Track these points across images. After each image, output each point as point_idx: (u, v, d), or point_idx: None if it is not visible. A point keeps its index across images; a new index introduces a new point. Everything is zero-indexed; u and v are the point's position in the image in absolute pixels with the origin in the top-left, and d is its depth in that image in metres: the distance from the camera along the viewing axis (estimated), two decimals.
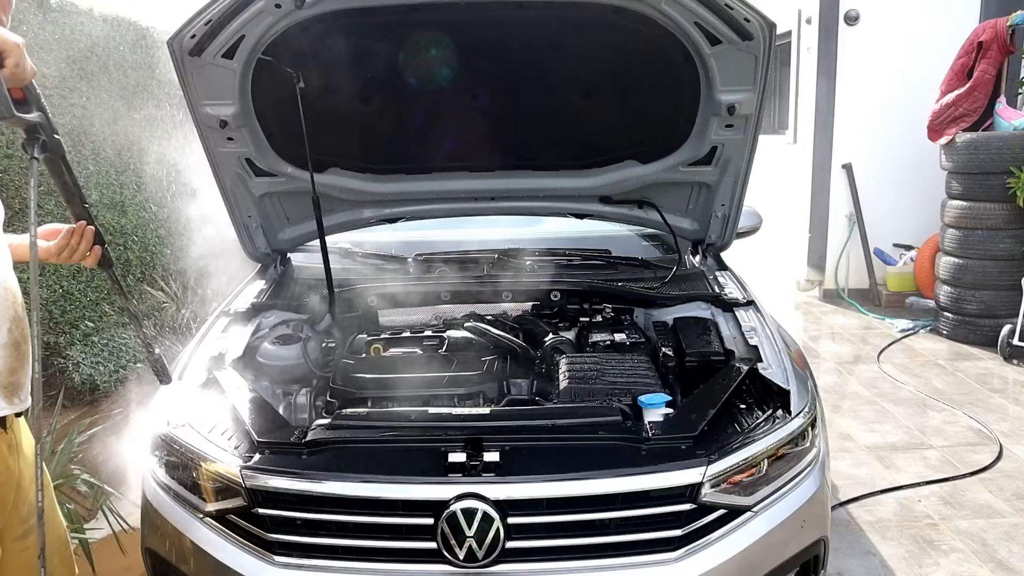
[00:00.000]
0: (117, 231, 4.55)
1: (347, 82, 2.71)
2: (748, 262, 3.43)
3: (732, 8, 2.33)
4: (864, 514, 3.48)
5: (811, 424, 2.11)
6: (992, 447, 4.11)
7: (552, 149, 2.97)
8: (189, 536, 1.95)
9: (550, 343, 2.62)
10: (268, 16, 2.35)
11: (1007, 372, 5.29)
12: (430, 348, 2.59)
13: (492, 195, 3.07)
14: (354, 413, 2.16)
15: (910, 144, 6.67)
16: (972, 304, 5.82)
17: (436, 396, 2.36)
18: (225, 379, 2.25)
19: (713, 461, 1.87)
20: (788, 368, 2.25)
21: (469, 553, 1.79)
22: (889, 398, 4.87)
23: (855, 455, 4.06)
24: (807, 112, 7.26)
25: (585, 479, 1.85)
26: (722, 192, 2.95)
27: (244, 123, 2.67)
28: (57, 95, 4.00)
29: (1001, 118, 5.75)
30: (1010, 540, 3.26)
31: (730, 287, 2.85)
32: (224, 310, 2.74)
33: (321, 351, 2.65)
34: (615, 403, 2.16)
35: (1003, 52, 5.73)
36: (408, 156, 2.98)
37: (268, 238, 3.08)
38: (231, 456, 1.95)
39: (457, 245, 3.26)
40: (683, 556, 1.84)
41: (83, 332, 4.12)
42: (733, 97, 2.61)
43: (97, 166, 4.35)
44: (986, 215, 5.66)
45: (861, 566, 3.10)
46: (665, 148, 2.89)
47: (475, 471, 1.85)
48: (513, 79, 2.72)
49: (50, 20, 3.93)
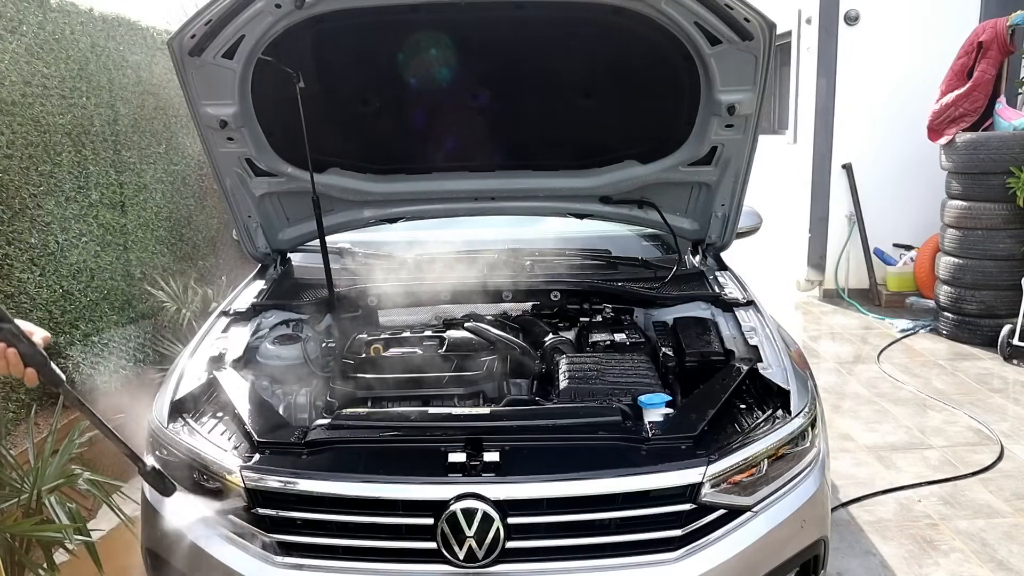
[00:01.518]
0: (117, 231, 4.55)
1: (347, 82, 2.72)
2: (748, 262, 3.43)
3: (732, 8, 2.33)
4: (864, 514, 3.48)
5: (811, 424, 2.11)
6: (992, 447, 4.11)
7: (552, 149, 2.97)
8: (189, 536, 1.95)
9: (550, 343, 2.62)
10: (268, 16, 2.35)
11: (1007, 372, 5.29)
12: (430, 348, 2.59)
13: (492, 195, 3.07)
14: (354, 413, 2.16)
15: (910, 144, 6.68)
16: (972, 304, 5.82)
17: (436, 396, 2.36)
18: (225, 379, 2.25)
19: (713, 461, 1.87)
20: (788, 368, 2.25)
21: (469, 553, 1.79)
22: (889, 398, 4.87)
23: (855, 455, 4.06)
24: (807, 112, 7.26)
25: (585, 479, 1.85)
26: (722, 192, 2.95)
27: (244, 123, 2.67)
28: (57, 95, 4.01)
29: (1001, 118, 5.75)
30: (1010, 540, 3.26)
31: (730, 287, 2.85)
32: (224, 310, 2.74)
33: (321, 351, 2.65)
34: (615, 403, 2.16)
35: (1003, 52, 5.73)
36: (408, 156, 2.99)
37: (268, 238, 3.08)
38: (231, 456, 1.95)
39: (457, 245, 3.26)
40: (683, 556, 1.84)
41: (83, 332, 4.13)
42: (733, 97, 2.61)
43: (97, 166, 4.35)
44: (986, 215, 5.66)
45: (861, 566, 3.10)
46: (665, 148, 2.90)
47: (475, 471, 1.85)
48: (513, 79, 2.72)
49: (50, 20, 3.93)
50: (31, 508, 2.69)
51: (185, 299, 4.77)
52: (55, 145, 3.97)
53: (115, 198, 4.54)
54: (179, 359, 2.47)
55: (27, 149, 3.75)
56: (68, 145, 4.09)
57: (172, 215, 5.26)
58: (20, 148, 3.69)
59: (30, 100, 3.78)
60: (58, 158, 3.99)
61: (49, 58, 3.94)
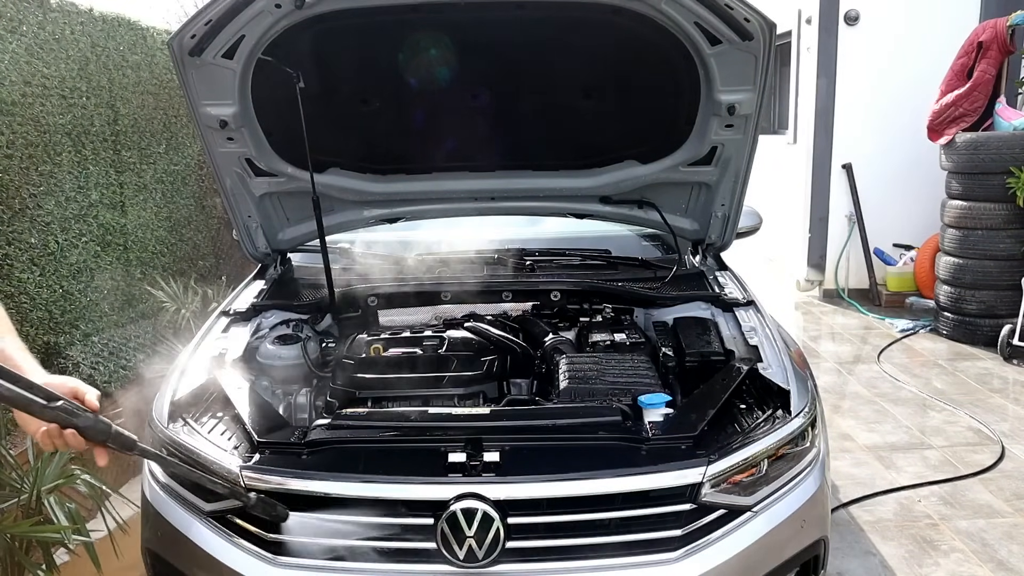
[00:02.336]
0: (117, 231, 4.55)
1: (347, 82, 2.72)
2: (748, 262, 3.43)
3: (732, 8, 2.33)
4: (864, 514, 3.48)
5: (811, 424, 2.11)
6: (991, 447, 4.11)
7: (552, 149, 2.97)
8: (189, 536, 1.95)
9: (550, 343, 2.62)
10: (268, 16, 2.35)
11: (1007, 372, 5.29)
12: (430, 348, 2.59)
13: (492, 195, 3.07)
14: (354, 413, 2.16)
15: (910, 144, 6.67)
16: (972, 304, 5.82)
17: (436, 396, 2.36)
18: (225, 379, 2.25)
19: (713, 461, 1.87)
20: (788, 368, 2.25)
21: (469, 553, 1.79)
22: (889, 398, 4.87)
23: (855, 455, 4.06)
24: (807, 112, 7.26)
25: (585, 479, 1.85)
26: (722, 192, 2.95)
27: (244, 123, 2.67)
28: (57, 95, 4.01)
29: (1001, 118, 5.74)
30: (1010, 540, 3.26)
31: (730, 287, 2.85)
32: (224, 310, 2.74)
33: (321, 351, 2.65)
34: (615, 403, 2.16)
35: (1003, 52, 5.73)
36: (408, 156, 2.99)
37: (268, 238, 3.08)
38: (231, 456, 1.95)
39: (457, 245, 3.26)
40: (683, 556, 1.83)
41: (83, 332, 4.13)
42: (733, 97, 2.61)
43: (97, 166, 4.35)
44: (986, 215, 5.66)
45: (861, 566, 3.10)
46: (665, 148, 2.89)
47: (475, 471, 1.85)
48: (513, 79, 2.72)
49: (50, 20, 3.94)
50: (31, 508, 2.69)
51: (185, 299, 4.77)
52: (55, 145, 3.97)
53: (115, 198, 4.54)
54: (179, 359, 2.47)
55: (27, 149, 3.75)
56: (68, 145, 4.09)
57: (172, 215, 5.26)
58: (20, 148, 3.69)
59: (30, 100, 3.78)
60: (58, 158, 3.99)
61: (49, 58, 3.94)
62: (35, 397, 1.40)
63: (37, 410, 1.40)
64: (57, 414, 1.39)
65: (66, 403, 1.42)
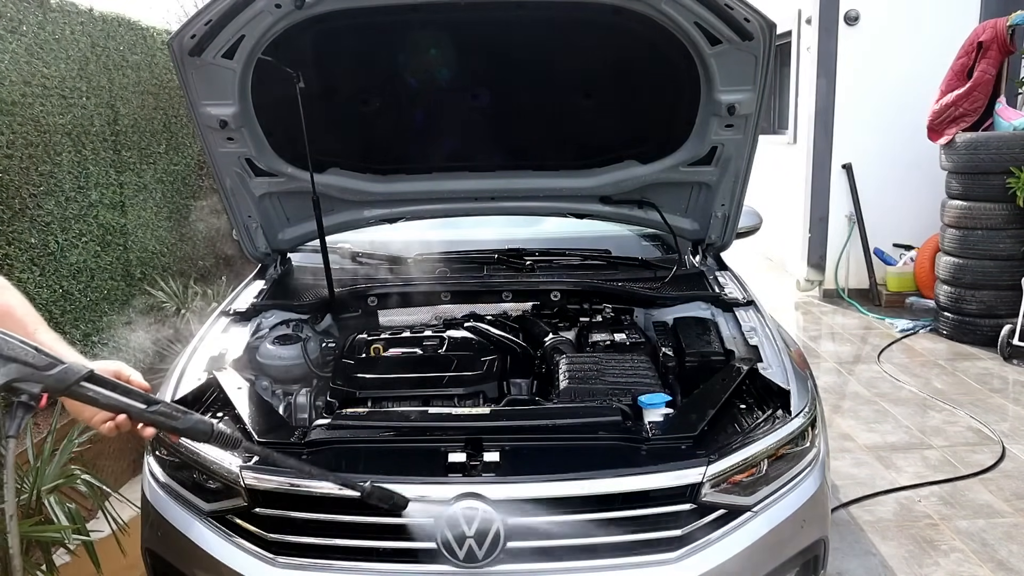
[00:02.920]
0: (117, 231, 4.55)
1: (347, 82, 2.72)
2: (748, 262, 3.43)
3: (732, 8, 2.33)
4: (864, 514, 3.48)
5: (811, 424, 2.11)
6: (992, 447, 4.11)
7: (552, 149, 2.97)
8: (189, 536, 1.95)
9: (550, 343, 2.62)
10: (268, 16, 2.35)
11: (1007, 372, 5.29)
12: (430, 348, 2.59)
13: (492, 195, 3.07)
14: (354, 413, 2.16)
15: (910, 144, 6.67)
16: (972, 304, 5.82)
17: (436, 396, 2.36)
18: (225, 379, 2.25)
19: (713, 461, 1.87)
20: (788, 368, 2.25)
21: (469, 553, 1.79)
22: (889, 398, 4.87)
23: (855, 455, 4.06)
24: (807, 112, 7.26)
25: (585, 479, 1.85)
26: (722, 192, 2.95)
27: (244, 123, 2.67)
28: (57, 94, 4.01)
29: (1001, 118, 5.74)
30: (1010, 540, 3.26)
31: (730, 287, 2.85)
32: (224, 310, 2.74)
33: (321, 351, 2.65)
34: (615, 403, 2.16)
35: (1003, 52, 5.73)
36: (408, 156, 2.98)
37: (268, 238, 3.08)
38: (231, 456, 1.94)
39: (457, 245, 3.26)
40: (683, 556, 1.83)
41: (83, 332, 4.13)
42: (733, 97, 2.61)
43: (97, 166, 4.35)
44: (986, 215, 5.66)
45: (861, 566, 3.10)
46: (665, 148, 2.89)
47: (475, 471, 1.85)
48: (513, 79, 2.72)
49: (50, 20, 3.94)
50: (30, 508, 2.69)
51: (185, 299, 4.77)
52: (55, 145, 3.97)
53: (115, 198, 4.54)
54: (179, 359, 2.47)
55: (27, 149, 3.75)
56: (68, 145, 4.09)
57: (172, 215, 5.26)
58: (20, 148, 3.69)
59: (30, 100, 3.78)
60: (58, 158, 3.99)
61: (49, 58, 3.94)
62: (134, 402, 1.44)
63: (136, 414, 1.43)
64: (156, 418, 1.43)
65: (164, 405, 1.45)
